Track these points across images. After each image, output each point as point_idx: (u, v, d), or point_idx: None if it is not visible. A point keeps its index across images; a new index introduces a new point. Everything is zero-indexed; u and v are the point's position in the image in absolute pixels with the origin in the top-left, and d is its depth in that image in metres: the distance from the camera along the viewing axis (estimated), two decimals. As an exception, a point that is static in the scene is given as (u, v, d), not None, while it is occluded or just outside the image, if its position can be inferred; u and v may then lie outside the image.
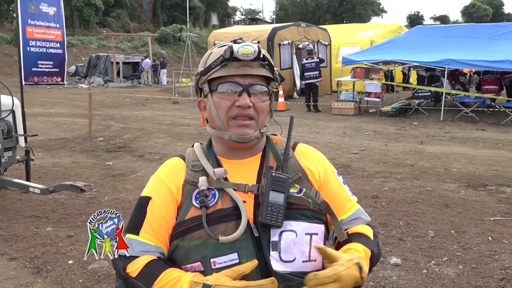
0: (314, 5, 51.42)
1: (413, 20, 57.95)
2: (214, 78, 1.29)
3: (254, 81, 1.28)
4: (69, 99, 17.08)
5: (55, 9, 23.42)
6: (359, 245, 1.30)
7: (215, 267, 1.20)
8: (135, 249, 1.26)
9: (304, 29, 18.24)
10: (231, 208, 1.24)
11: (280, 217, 1.21)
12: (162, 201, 1.30)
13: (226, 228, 1.21)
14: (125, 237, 1.29)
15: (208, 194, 1.26)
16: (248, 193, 1.27)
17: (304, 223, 1.25)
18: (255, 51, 1.24)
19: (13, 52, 28.60)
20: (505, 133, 10.08)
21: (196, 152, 1.38)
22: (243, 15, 62.62)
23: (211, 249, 1.21)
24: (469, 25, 16.04)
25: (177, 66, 27.27)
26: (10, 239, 4.33)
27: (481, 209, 5.12)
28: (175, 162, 1.40)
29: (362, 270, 1.19)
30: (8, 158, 5.24)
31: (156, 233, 1.27)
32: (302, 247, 1.23)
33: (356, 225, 1.38)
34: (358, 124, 11.43)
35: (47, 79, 23.44)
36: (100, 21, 38.77)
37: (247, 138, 1.29)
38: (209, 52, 1.34)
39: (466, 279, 3.54)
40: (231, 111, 1.28)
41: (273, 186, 1.23)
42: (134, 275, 1.22)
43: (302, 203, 1.26)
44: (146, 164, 7.39)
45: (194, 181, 1.29)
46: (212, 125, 1.35)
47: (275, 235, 1.22)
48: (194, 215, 1.24)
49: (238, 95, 1.26)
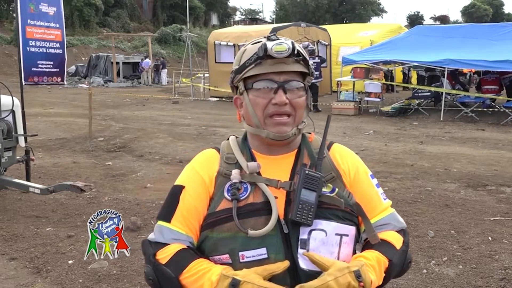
0: (314, 5, 51.40)
1: (413, 20, 57.93)
2: (249, 76, 1.28)
3: (290, 77, 1.27)
4: (69, 99, 17.08)
5: (55, 9, 23.43)
6: (372, 252, 1.27)
7: (243, 261, 1.20)
8: (166, 236, 1.27)
9: (304, 29, 18.24)
10: (262, 203, 1.24)
11: (310, 216, 1.20)
12: (195, 191, 1.30)
13: (256, 222, 1.21)
14: (157, 224, 1.30)
15: (240, 187, 1.26)
16: (280, 189, 1.26)
17: (334, 223, 1.24)
18: (289, 48, 1.23)
19: (13, 52, 28.60)
20: (505, 133, 10.07)
21: (231, 145, 1.37)
22: (243, 15, 62.67)
23: (240, 242, 1.21)
24: (469, 25, 16.04)
25: (177, 66, 27.28)
26: (10, 239, 4.33)
27: (481, 209, 5.12)
28: (210, 154, 1.39)
29: (362, 278, 1.15)
30: (8, 158, 5.24)
31: (187, 222, 1.28)
32: (331, 248, 1.22)
33: (384, 231, 1.33)
34: (358, 124, 11.43)
35: (47, 79, 23.44)
36: (100, 21, 38.76)
37: (285, 136, 1.28)
38: (243, 49, 1.33)
39: (466, 279, 3.54)
40: (267, 109, 1.27)
41: (305, 183, 1.23)
42: (164, 262, 1.23)
43: (334, 202, 1.25)
44: (146, 164, 7.39)
45: (227, 173, 1.29)
46: (249, 122, 1.34)
47: (305, 233, 1.22)
48: (225, 207, 1.24)
49: (274, 92, 1.26)
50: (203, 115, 13.23)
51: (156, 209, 5.14)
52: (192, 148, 8.50)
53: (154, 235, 1.30)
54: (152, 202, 5.36)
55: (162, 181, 6.33)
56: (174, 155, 7.99)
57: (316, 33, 18.67)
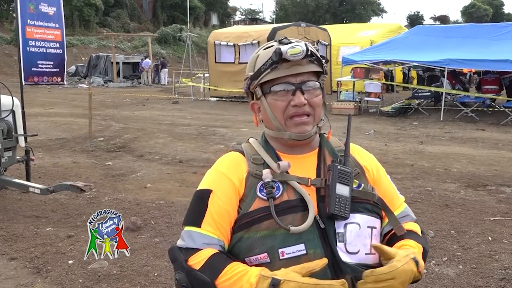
0: (314, 5, 51.41)
1: (413, 20, 57.91)
2: (266, 81, 1.31)
3: (306, 78, 1.30)
4: (69, 99, 17.08)
5: (55, 9, 23.41)
6: (412, 241, 1.34)
7: (283, 258, 1.21)
8: (197, 241, 1.26)
9: (304, 29, 18.23)
10: (297, 200, 1.26)
11: (347, 209, 1.24)
12: (224, 193, 1.30)
13: (294, 219, 1.23)
14: (184, 230, 1.30)
15: (273, 186, 1.27)
16: (311, 186, 1.29)
17: (366, 216, 1.29)
18: (303, 50, 1.26)
19: (13, 52, 28.60)
20: (505, 133, 10.08)
21: (254, 146, 1.39)
22: (243, 15, 62.66)
23: (279, 240, 1.22)
24: (469, 25, 16.03)
25: (177, 66, 27.29)
26: (10, 239, 4.33)
27: (481, 209, 5.12)
28: (235, 156, 1.39)
29: (419, 264, 1.22)
30: (8, 158, 5.24)
31: (218, 225, 1.28)
32: (365, 240, 1.27)
33: (405, 222, 1.41)
34: (358, 124, 11.43)
35: (47, 79, 23.44)
36: (100, 21, 38.76)
37: (307, 135, 1.31)
38: (255, 54, 1.35)
39: (466, 279, 3.54)
40: (287, 111, 1.30)
41: (339, 178, 1.26)
42: (198, 267, 1.22)
43: (364, 196, 1.30)
44: (146, 164, 7.39)
45: (258, 173, 1.30)
46: (269, 126, 1.36)
47: (340, 227, 1.25)
48: (261, 206, 1.25)
49: (292, 94, 1.29)
50: (203, 115, 13.23)
51: (156, 209, 5.14)
52: (192, 148, 8.50)
53: (184, 241, 1.28)
54: (152, 202, 5.36)
55: (162, 181, 6.33)
56: (174, 155, 7.99)
57: (316, 33, 18.67)
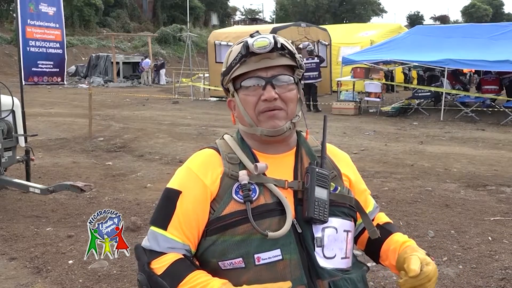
0: (314, 5, 51.40)
1: (413, 20, 57.90)
2: (237, 76, 1.27)
3: (277, 72, 1.25)
4: (69, 99, 17.08)
5: (55, 9, 23.43)
6: (399, 234, 1.38)
7: (259, 263, 1.17)
8: (161, 245, 1.22)
9: (304, 29, 18.24)
10: (274, 204, 1.21)
11: (326, 213, 1.21)
12: (194, 196, 1.24)
13: (271, 223, 1.19)
14: (151, 229, 1.26)
15: (250, 189, 1.22)
16: (288, 189, 1.25)
17: (342, 220, 1.26)
18: (270, 42, 1.21)
19: (13, 52, 28.59)
20: (505, 133, 10.07)
21: (230, 144, 1.32)
22: (243, 15, 62.63)
23: (255, 245, 1.17)
24: (469, 25, 16.05)
25: (177, 66, 27.27)
26: (10, 239, 4.33)
27: (481, 209, 5.11)
28: (209, 154, 1.32)
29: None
30: (8, 158, 5.24)
31: (184, 229, 1.22)
32: (341, 244, 1.24)
33: (377, 213, 1.44)
34: (358, 124, 11.43)
35: (47, 79, 23.45)
36: (100, 21, 38.74)
37: (279, 131, 1.26)
38: (229, 50, 1.32)
39: (466, 279, 3.53)
40: (258, 106, 1.25)
41: (317, 181, 1.23)
42: (159, 272, 1.18)
43: (341, 200, 1.27)
44: (146, 164, 7.39)
45: (234, 174, 1.24)
46: (242, 122, 1.32)
47: (318, 231, 1.22)
48: (236, 210, 1.20)
49: (263, 89, 1.24)
50: (203, 115, 13.23)
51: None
52: (192, 148, 8.50)
53: (149, 242, 1.24)
54: (152, 202, 5.36)
55: (162, 181, 6.33)
56: (174, 155, 7.99)
57: (316, 33, 18.67)
